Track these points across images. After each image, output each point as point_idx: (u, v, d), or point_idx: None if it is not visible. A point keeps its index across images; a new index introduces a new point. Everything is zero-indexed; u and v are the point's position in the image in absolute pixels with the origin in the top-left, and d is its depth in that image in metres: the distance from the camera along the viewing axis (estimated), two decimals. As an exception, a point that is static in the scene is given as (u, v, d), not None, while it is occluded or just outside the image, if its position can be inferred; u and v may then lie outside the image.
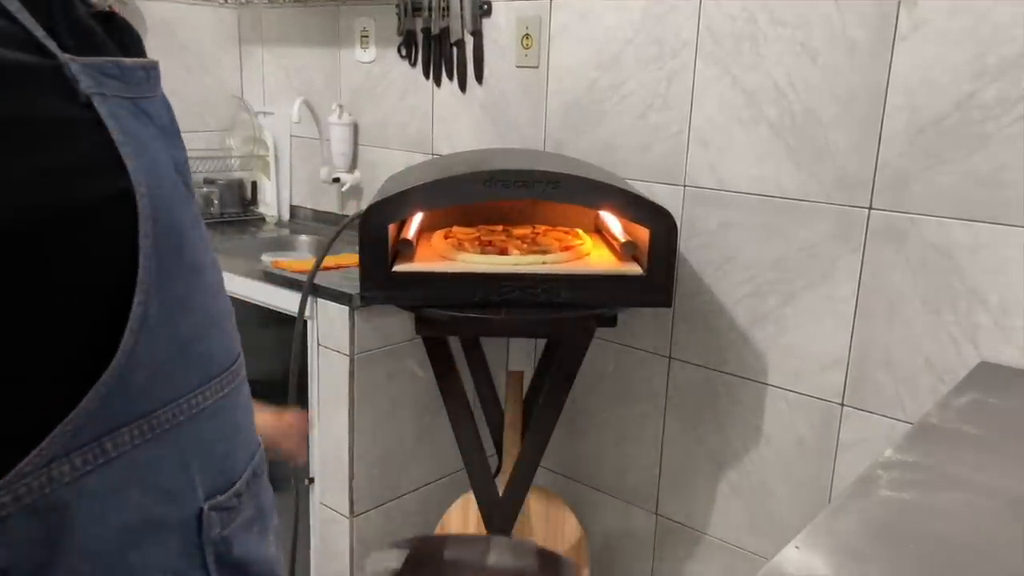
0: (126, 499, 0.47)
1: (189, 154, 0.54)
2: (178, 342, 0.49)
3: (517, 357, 2.04)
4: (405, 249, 1.50)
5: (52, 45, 0.44)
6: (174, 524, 0.51)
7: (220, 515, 0.54)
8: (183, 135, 0.55)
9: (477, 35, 1.95)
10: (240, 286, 1.85)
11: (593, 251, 1.59)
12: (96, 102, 0.46)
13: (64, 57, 0.45)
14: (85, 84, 0.46)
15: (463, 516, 1.82)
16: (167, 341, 0.48)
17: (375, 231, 1.40)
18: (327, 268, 1.75)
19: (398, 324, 1.74)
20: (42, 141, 0.43)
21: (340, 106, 2.23)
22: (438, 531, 1.83)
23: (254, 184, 2.54)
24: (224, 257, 1.99)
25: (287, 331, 1.73)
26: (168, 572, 0.51)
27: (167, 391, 0.49)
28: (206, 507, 0.52)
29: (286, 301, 1.76)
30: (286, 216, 2.52)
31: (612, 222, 1.65)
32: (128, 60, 0.49)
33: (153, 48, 0.52)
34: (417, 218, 1.62)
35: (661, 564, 1.87)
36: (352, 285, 1.62)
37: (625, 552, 1.93)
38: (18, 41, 0.43)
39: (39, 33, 0.44)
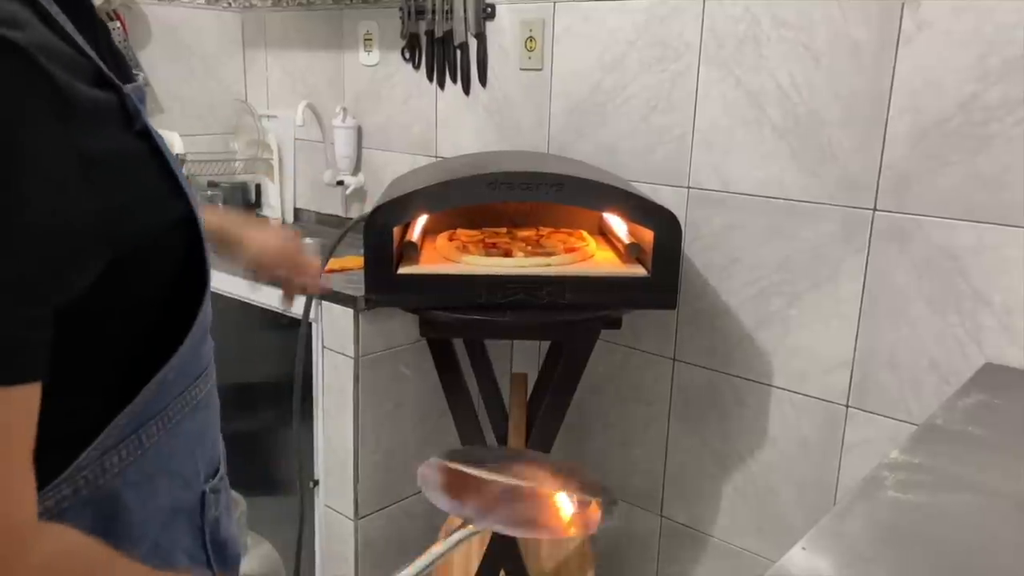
0: (158, 487, 0.52)
1: (194, 157, 0.56)
2: (197, 342, 0.54)
3: (521, 359, 2.04)
4: (409, 251, 1.50)
5: (112, 76, 0.45)
6: (187, 507, 0.56)
7: (215, 497, 0.59)
8: (188, 138, 0.57)
9: (480, 38, 1.95)
10: (245, 289, 1.85)
11: (597, 253, 1.59)
12: (152, 131, 0.48)
13: (126, 88, 0.46)
14: (142, 114, 0.48)
15: (468, 518, 1.82)
16: (192, 342, 0.52)
17: (379, 234, 1.40)
18: (331, 271, 1.76)
19: (402, 326, 1.74)
20: (120, 177, 0.45)
21: (344, 109, 2.24)
22: (442, 534, 1.82)
23: (258, 187, 2.55)
24: (228, 259, 1.99)
25: (291, 334, 1.73)
26: (185, 551, 0.56)
27: (178, 385, 0.53)
28: (207, 489, 0.57)
29: (290, 304, 1.76)
30: (290, 219, 2.52)
31: (616, 224, 1.65)
32: (141, 81, 0.51)
33: (158, 52, 0.53)
34: (421, 220, 1.63)
35: (666, 567, 1.87)
36: (356, 288, 1.62)
37: (630, 554, 1.93)
38: (90, 75, 0.44)
39: (103, 65, 0.45)
